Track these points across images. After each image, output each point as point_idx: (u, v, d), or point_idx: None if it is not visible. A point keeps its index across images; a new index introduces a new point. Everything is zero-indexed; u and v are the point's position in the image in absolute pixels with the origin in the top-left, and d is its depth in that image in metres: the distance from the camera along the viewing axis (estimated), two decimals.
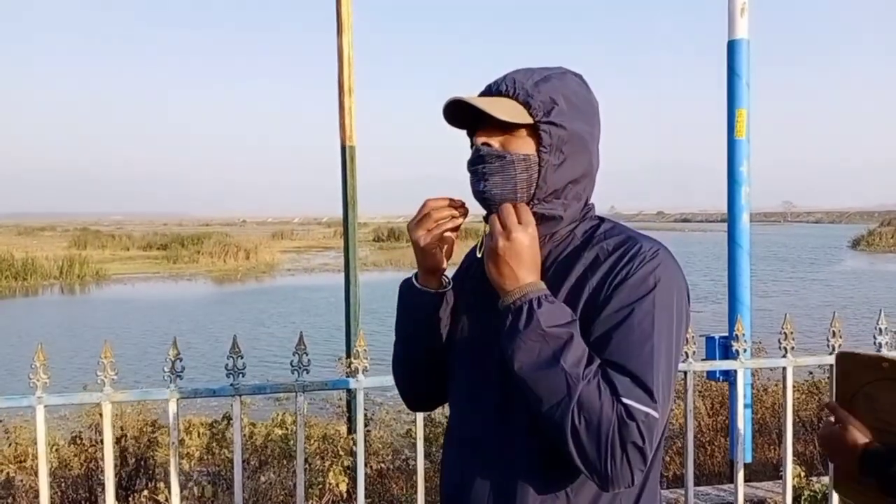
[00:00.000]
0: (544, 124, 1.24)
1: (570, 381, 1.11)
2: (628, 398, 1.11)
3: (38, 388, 2.29)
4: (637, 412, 1.10)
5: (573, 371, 1.12)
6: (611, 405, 1.10)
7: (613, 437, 1.09)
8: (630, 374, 1.13)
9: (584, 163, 1.29)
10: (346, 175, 5.14)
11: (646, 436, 1.10)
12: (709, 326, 8.31)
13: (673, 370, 1.18)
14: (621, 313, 1.17)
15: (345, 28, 5.07)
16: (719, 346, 4.06)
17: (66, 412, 6.84)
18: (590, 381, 1.12)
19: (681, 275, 1.24)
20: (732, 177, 4.19)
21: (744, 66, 4.11)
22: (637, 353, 1.14)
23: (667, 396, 1.15)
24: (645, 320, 1.16)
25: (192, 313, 19.32)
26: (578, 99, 1.29)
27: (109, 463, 2.42)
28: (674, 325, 1.19)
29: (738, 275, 4.19)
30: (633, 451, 1.09)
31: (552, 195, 1.27)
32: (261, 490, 4.21)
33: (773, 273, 27.35)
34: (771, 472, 4.59)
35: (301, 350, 2.45)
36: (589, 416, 1.10)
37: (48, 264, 29.60)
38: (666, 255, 1.23)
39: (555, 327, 1.15)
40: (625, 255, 1.21)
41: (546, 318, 1.15)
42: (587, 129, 1.29)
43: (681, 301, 1.21)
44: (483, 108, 1.22)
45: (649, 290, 1.17)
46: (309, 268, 33.70)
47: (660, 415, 1.12)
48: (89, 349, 12.71)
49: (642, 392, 1.11)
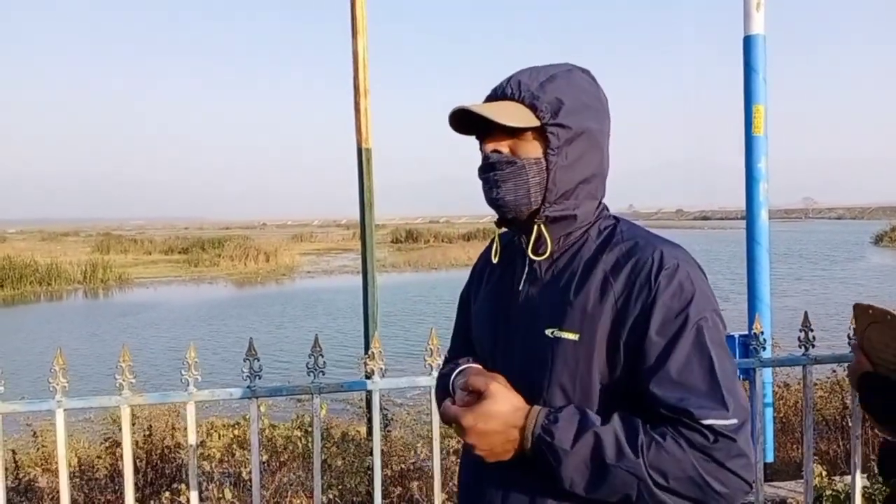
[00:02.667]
0: (551, 126, 1.22)
1: (629, 470, 1.10)
2: (709, 418, 1.10)
3: (57, 392, 2.32)
4: (721, 427, 1.09)
5: (623, 461, 1.10)
6: (680, 449, 1.09)
7: (705, 469, 1.09)
8: (697, 391, 1.12)
9: (595, 161, 1.28)
10: (363, 177, 5.16)
11: (738, 443, 1.09)
12: (735, 325, 8.24)
13: (733, 367, 1.16)
14: (669, 331, 1.15)
15: (359, 31, 5.09)
16: (739, 344, 4.02)
17: (91, 415, 6.93)
18: (648, 447, 1.10)
19: (703, 276, 1.23)
20: (751, 173, 4.15)
21: (760, 62, 4.08)
22: (698, 369, 1.13)
23: (739, 398, 1.13)
24: (694, 333, 1.15)
25: (213, 316, 19.47)
26: (586, 96, 1.27)
27: (129, 465, 2.44)
28: (717, 323, 1.18)
29: (757, 272, 4.15)
30: (735, 463, 1.09)
31: (563, 196, 1.26)
32: (281, 491, 4.23)
33: (795, 270, 27.05)
34: (794, 472, 4.53)
35: (317, 352, 2.46)
36: (672, 472, 1.09)
37: (72, 269, 29.95)
38: (687, 259, 1.22)
39: (577, 440, 1.13)
40: (648, 264, 1.19)
41: (564, 439, 1.14)
42: (596, 126, 1.27)
43: (713, 298, 1.21)
44: (488, 115, 1.21)
45: (689, 300, 1.16)
46: (328, 270, 33.83)
47: (739, 419, 1.11)
48: (114, 352, 12.82)
49: (716, 405, 1.11)
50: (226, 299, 24.35)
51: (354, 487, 4.12)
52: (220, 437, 4.86)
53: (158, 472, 4.55)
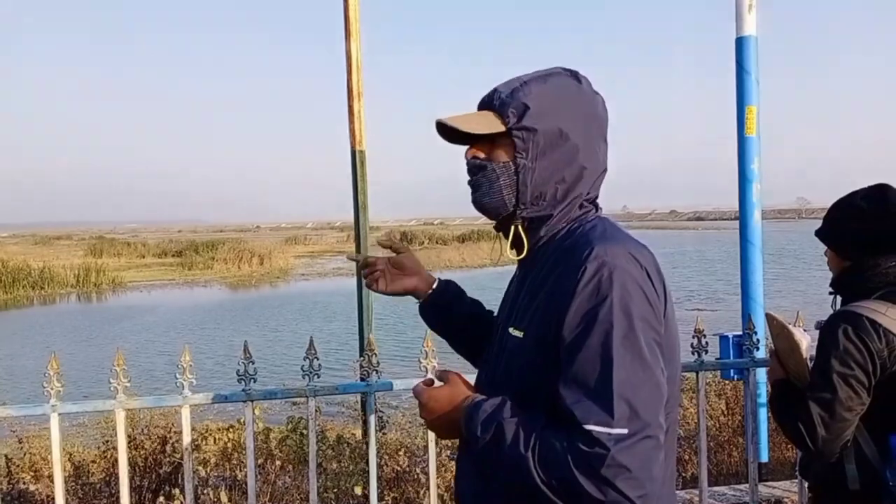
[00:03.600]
0: (516, 130, 1.26)
1: (518, 461, 1.14)
2: (590, 423, 1.08)
3: (52, 397, 2.31)
4: (600, 434, 1.07)
5: (514, 452, 1.14)
6: (562, 449, 1.10)
7: (582, 472, 1.07)
8: (590, 395, 1.10)
9: (569, 161, 1.28)
10: (357, 179, 5.15)
11: (615, 454, 1.06)
12: (729, 326, 8.25)
13: (645, 377, 1.12)
14: (574, 333, 1.15)
15: (353, 33, 5.08)
16: (733, 344, 4.03)
17: (85, 420, 6.91)
18: (538, 442, 1.12)
19: (638, 273, 1.17)
20: (744, 174, 4.17)
21: (753, 63, 4.09)
22: (594, 372, 1.11)
23: (637, 409, 1.09)
24: (600, 334, 1.12)
25: (207, 320, 19.42)
26: (561, 99, 1.29)
27: (124, 469, 2.44)
28: (636, 327, 1.13)
29: (750, 273, 4.17)
30: (610, 473, 1.06)
31: (538, 197, 1.29)
32: (276, 494, 4.22)
33: (787, 271, 27.13)
34: (788, 471, 4.55)
35: (312, 355, 2.46)
36: (553, 471, 1.11)
37: (65, 273, 29.85)
38: (619, 257, 1.17)
39: (486, 428, 1.20)
40: (576, 261, 1.18)
41: (478, 425, 1.21)
42: (569, 126, 1.28)
43: (641, 302, 1.15)
44: (454, 125, 1.30)
45: (602, 301, 1.13)
46: (323, 272, 33.79)
47: (630, 430, 1.07)
48: (107, 357, 12.77)
49: (601, 412, 1.08)
50: (220, 302, 24.30)
51: (350, 490, 4.12)
52: (215, 441, 4.85)
53: (153, 477, 4.54)
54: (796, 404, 1.83)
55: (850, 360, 1.75)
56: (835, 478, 1.84)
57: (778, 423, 1.97)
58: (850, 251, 1.94)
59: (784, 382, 1.98)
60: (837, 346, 1.77)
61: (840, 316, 1.83)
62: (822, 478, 1.94)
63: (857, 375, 1.75)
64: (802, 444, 1.82)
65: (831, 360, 1.77)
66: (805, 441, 1.79)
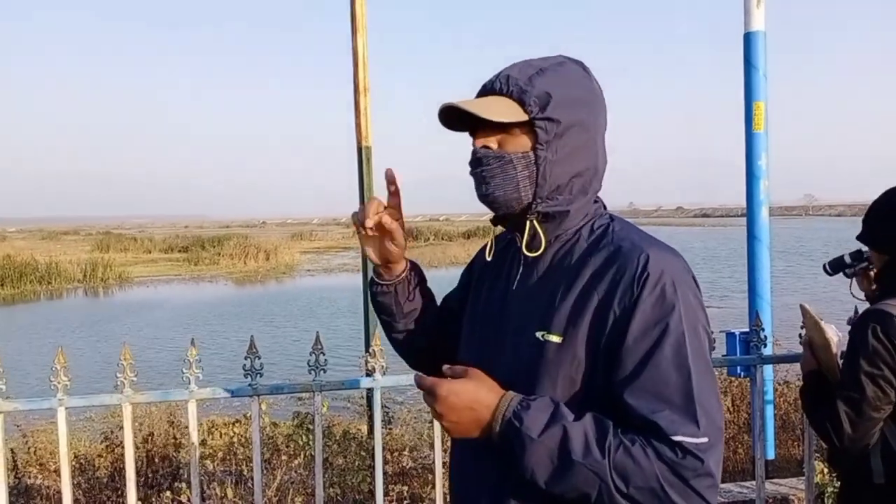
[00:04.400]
0: (540, 120, 1.20)
1: (593, 469, 1.08)
2: (679, 434, 1.08)
3: (59, 391, 2.31)
4: (690, 445, 1.07)
5: (588, 459, 1.08)
6: (647, 458, 1.07)
7: (668, 482, 1.07)
8: (672, 405, 1.09)
9: (587, 155, 1.26)
10: (363, 175, 5.15)
11: (706, 463, 1.07)
12: (735, 323, 8.22)
13: (713, 385, 1.14)
14: (647, 341, 1.12)
15: (359, 28, 5.08)
16: (740, 341, 4.02)
17: (91, 414, 6.94)
18: (616, 450, 1.08)
19: (692, 281, 1.19)
20: (751, 171, 4.15)
21: (761, 59, 4.07)
22: (674, 383, 1.10)
23: (715, 417, 1.11)
24: (673, 345, 1.12)
25: (213, 315, 19.47)
26: (578, 89, 1.25)
27: (130, 463, 2.44)
28: (702, 337, 1.15)
29: (758, 270, 4.15)
30: (699, 483, 1.08)
31: (555, 191, 1.24)
32: (282, 489, 4.23)
33: (794, 268, 27.04)
34: (795, 469, 4.53)
35: (318, 350, 2.45)
36: (635, 480, 1.08)
37: (71, 268, 29.94)
38: (676, 266, 1.17)
39: (546, 430, 1.11)
40: (633, 269, 1.15)
41: (533, 427, 1.12)
42: (588, 119, 1.25)
43: (700, 310, 1.17)
44: (474, 111, 1.20)
45: (670, 310, 1.12)
46: (329, 268, 33.83)
47: (711, 438, 1.09)
48: (113, 351, 12.86)
49: (688, 422, 1.08)
50: (225, 298, 24.36)
51: (356, 485, 4.12)
52: (221, 436, 4.87)
53: (159, 471, 4.56)
54: (825, 399, 1.85)
55: (878, 359, 1.76)
56: (860, 471, 1.85)
57: (806, 414, 2.01)
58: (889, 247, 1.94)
59: (816, 374, 1.99)
60: (866, 345, 1.78)
61: (870, 314, 1.83)
62: (847, 470, 1.96)
63: (885, 375, 1.76)
64: (828, 440, 1.84)
65: (860, 359, 1.78)
66: (831, 437, 1.81)
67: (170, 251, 43.06)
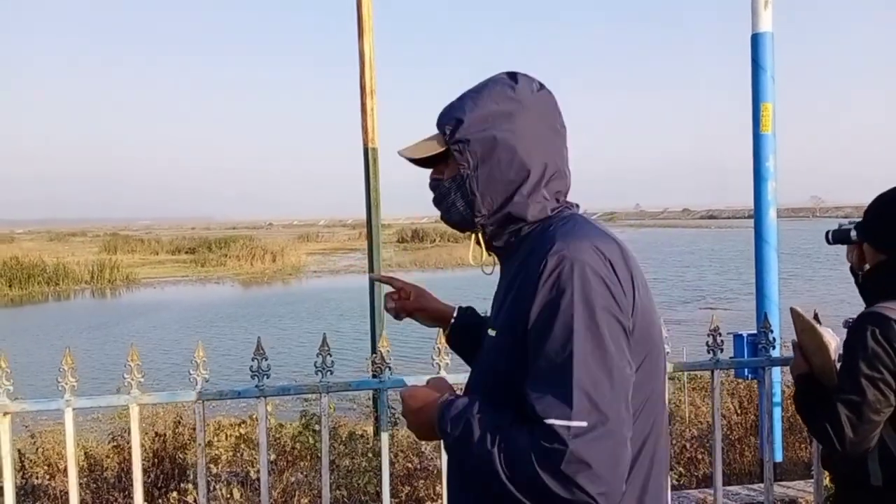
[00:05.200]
0: (453, 144, 1.31)
1: (485, 459, 1.12)
2: (550, 417, 1.06)
3: (66, 391, 2.32)
4: (559, 429, 1.05)
5: (481, 450, 1.13)
6: (526, 446, 1.08)
7: (545, 469, 1.05)
8: (550, 388, 1.09)
9: (515, 163, 1.29)
10: (369, 177, 5.16)
11: (574, 448, 1.04)
12: (740, 325, 8.20)
13: (604, 368, 1.09)
14: (537, 327, 1.14)
15: (366, 31, 5.09)
16: (747, 343, 4.01)
17: (98, 414, 6.96)
18: (505, 440, 1.11)
19: (600, 263, 1.15)
20: (759, 172, 4.14)
21: (768, 60, 4.06)
22: (555, 366, 1.10)
23: (596, 401, 1.06)
24: (561, 327, 1.11)
25: (220, 316, 19.51)
26: (493, 104, 1.30)
27: (137, 464, 2.45)
28: (598, 318, 1.10)
29: (765, 272, 4.14)
30: (569, 468, 1.04)
31: (489, 204, 1.31)
32: (288, 490, 4.23)
33: (802, 270, 26.95)
34: (802, 471, 4.52)
35: (325, 351, 2.45)
36: (518, 468, 1.09)
37: (79, 269, 30.10)
38: (581, 247, 1.15)
39: (456, 425, 1.20)
40: (540, 256, 1.17)
41: (450, 423, 1.21)
42: (507, 128, 1.28)
43: (601, 291, 1.12)
44: (404, 155, 1.37)
45: (562, 292, 1.12)
46: (335, 269, 33.89)
47: (590, 422, 1.05)
48: (119, 352, 12.90)
49: (561, 405, 1.06)
50: (232, 299, 24.41)
51: (362, 487, 4.12)
52: (227, 437, 4.87)
53: (165, 472, 4.56)
54: (822, 403, 1.84)
55: (877, 362, 1.75)
56: (857, 473, 1.84)
57: (802, 418, 1.99)
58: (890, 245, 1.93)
59: (808, 378, 1.98)
60: (865, 349, 1.77)
61: (867, 317, 1.82)
62: (844, 472, 1.95)
63: (885, 378, 1.75)
64: (829, 445, 1.82)
65: (859, 363, 1.77)
66: (832, 441, 1.80)
67: (177, 253, 43.22)
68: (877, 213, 1.99)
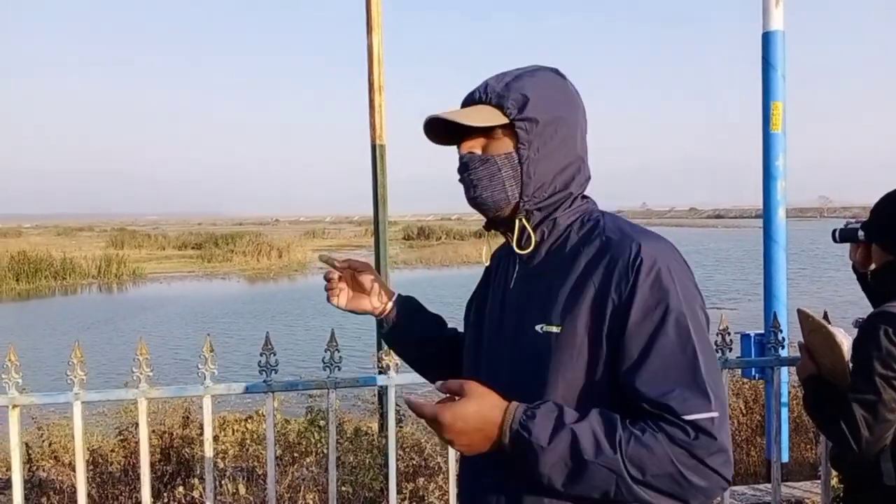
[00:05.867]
0: (519, 121, 1.26)
1: (607, 465, 1.09)
2: (692, 414, 1.09)
3: (75, 385, 2.33)
4: (703, 422, 1.09)
5: (600, 457, 1.09)
6: (659, 444, 1.08)
7: (684, 464, 1.08)
8: (680, 385, 1.11)
9: (569, 150, 1.30)
10: (377, 173, 5.15)
11: (720, 439, 1.09)
12: (746, 325, 8.17)
13: (715, 361, 1.16)
14: (648, 324, 1.14)
15: (374, 27, 5.07)
16: (755, 343, 3.99)
17: (104, 409, 6.98)
18: (627, 443, 1.09)
19: (685, 265, 1.22)
20: (768, 171, 4.12)
21: (779, 58, 4.04)
22: (680, 362, 1.12)
23: (720, 392, 1.13)
24: (675, 325, 1.14)
25: (226, 311, 19.55)
26: (553, 89, 1.30)
27: (145, 458, 2.46)
28: (699, 316, 1.18)
29: (774, 271, 4.12)
30: (714, 460, 1.09)
31: (540, 188, 1.28)
32: (294, 486, 4.24)
33: (810, 271, 26.85)
34: (808, 472, 4.51)
35: (333, 347, 2.46)
36: (650, 468, 1.08)
37: (86, 264, 30.17)
38: (666, 252, 1.20)
39: (554, 436, 1.11)
40: (626, 256, 1.18)
41: (541, 436, 1.12)
42: (566, 116, 1.30)
43: (696, 291, 1.20)
44: (455, 119, 1.26)
45: (668, 292, 1.15)
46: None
47: (720, 412, 1.10)
48: (125, 346, 12.95)
49: (699, 399, 1.10)
50: (238, 295, 24.45)
51: (368, 483, 4.12)
52: (233, 432, 4.89)
53: (172, 467, 4.58)
54: (836, 403, 1.84)
55: (892, 361, 1.75)
56: (869, 473, 1.83)
57: (813, 419, 1.99)
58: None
59: (816, 379, 1.98)
60: (879, 348, 1.77)
61: (879, 317, 1.82)
62: (856, 473, 1.94)
63: None
64: (845, 445, 1.82)
65: (873, 362, 1.77)
66: (848, 441, 1.80)
67: (183, 248, 43.32)
68: (885, 213, 1.98)
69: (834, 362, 1.91)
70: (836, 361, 1.90)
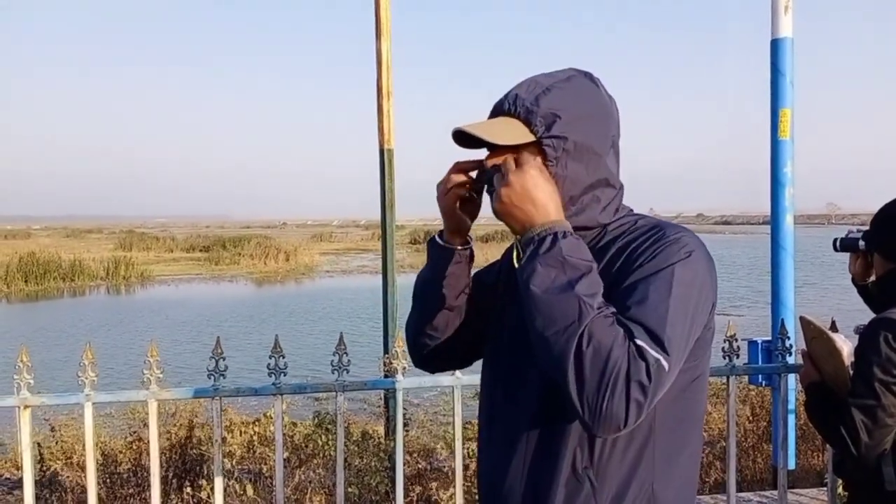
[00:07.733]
0: (547, 139, 1.23)
1: (582, 307, 1.08)
2: (641, 341, 1.07)
3: (86, 386, 2.35)
4: (649, 355, 1.06)
5: (587, 299, 1.09)
6: (622, 342, 1.07)
7: (619, 371, 1.05)
8: (644, 325, 1.10)
9: (598, 167, 1.28)
10: (385, 178, 5.17)
11: (654, 379, 1.06)
12: (751, 332, 8.15)
13: (688, 339, 1.14)
14: (639, 277, 1.16)
15: (384, 33, 5.11)
16: (762, 350, 3.99)
17: (112, 410, 7.01)
18: (604, 315, 1.09)
19: (707, 257, 1.21)
20: (776, 178, 4.12)
21: (788, 65, 4.05)
22: (652, 311, 1.11)
23: (679, 357, 1.11)
24: (662, 286, 1.13)
25: (234, 314, 19.61)
26: (585, 104, 1.28)
27: (155, 460, 2.47)
28: (692, 298, 1.15)
29: (782, 278, 4.12)
30: (636, 389, 1.05)
31: (569, 202, 1.26)
32: (301, 488, 4.26)
33: (817, 278, 26.74)
34: (814, 479, 4.49)
35: (341, 350, 2.47)
36: (598, 345, 1.06)
37: (95, 266, 30.31)
38: (691, 238, 1.21)
39: (575, 258, 1.13)
40: (650, 238, 1.21)
41: (567, 248, 1.13)
42: (598, 131, 1.28)
43: (703, 280, 1.18)
44: (481, 136, 1.24)
45: (670, 263, 1.16)
46: (347, 270, 33.95)
47: (669, 367, 1.08)
48: (134, 349, 13.00)
49: (654, 341, 1.08)
50: (245, 298, 24.52)
51: (374, 486, 4.14)
52: (240, 434, 4.90)
53: (179, 468, 4.60)
54: (837, 409, 1.84)
55: (891, 367, 1.76)
56: (870, 478, 1.84)
57: (815, 425, 2.00)
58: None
59: (819, 385, 1.99)
60: (879, 354, 1.78)
61: (880, 323, 1.82)
62: (856, 477, 1.95)
63: None
64: (845, 450, 1.83)
65: (873, 368, 1.78)
66: (848, 447, 1.81)
67: (191, 251, 43.43)
68: (886, 223, 1.99)
69: (835, 368, 1.92)
70: (838, 368, 1.91)
